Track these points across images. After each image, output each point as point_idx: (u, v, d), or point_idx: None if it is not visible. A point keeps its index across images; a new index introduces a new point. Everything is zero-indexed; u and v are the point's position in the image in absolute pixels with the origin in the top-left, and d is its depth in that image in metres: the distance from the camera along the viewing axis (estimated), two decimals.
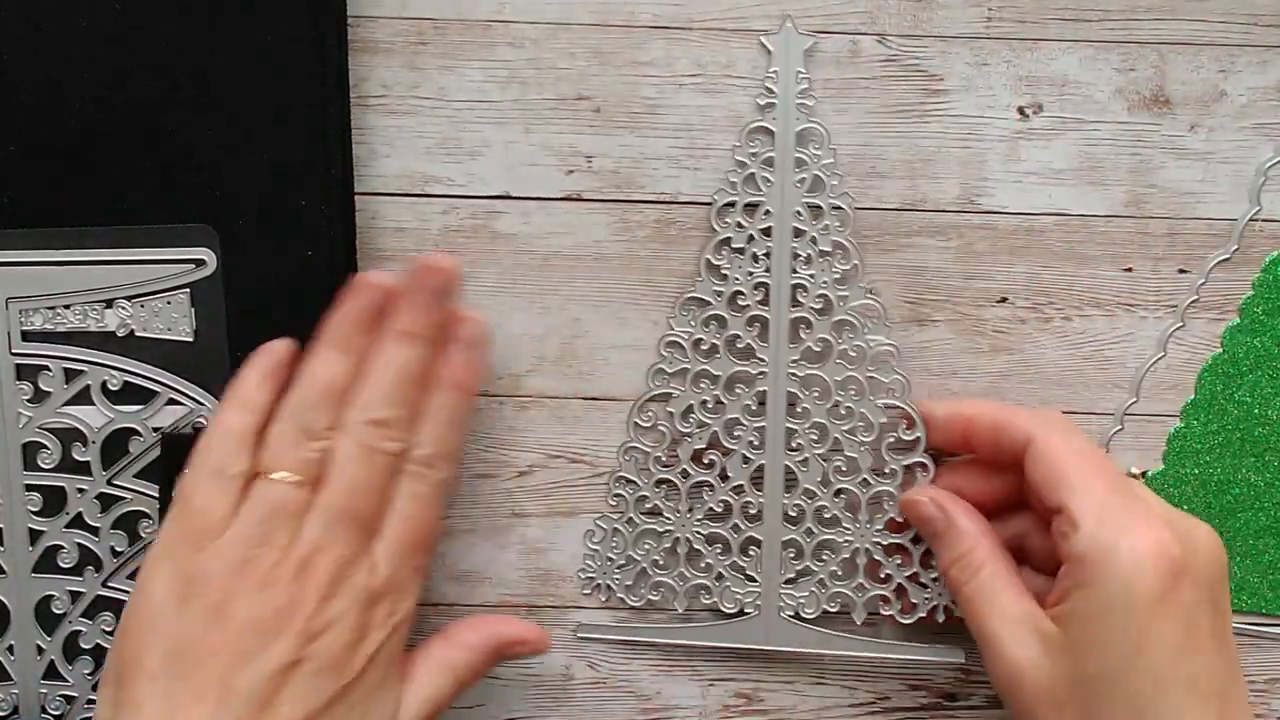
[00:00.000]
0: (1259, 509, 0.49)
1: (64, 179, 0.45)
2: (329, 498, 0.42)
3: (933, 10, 0.47)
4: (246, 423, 0.43)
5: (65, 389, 0.46)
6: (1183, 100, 0.48)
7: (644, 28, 0.47)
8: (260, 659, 0.40)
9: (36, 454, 0.47)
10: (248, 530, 0.41)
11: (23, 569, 0.47)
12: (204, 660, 0.39)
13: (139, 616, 0.41)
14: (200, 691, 0.39)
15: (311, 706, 0.40)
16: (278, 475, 0.42)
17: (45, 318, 0.46)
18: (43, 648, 0.48)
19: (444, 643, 0.45)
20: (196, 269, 0.46)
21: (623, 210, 0.48)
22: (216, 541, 0.41)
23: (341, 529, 0.42)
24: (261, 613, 0.40)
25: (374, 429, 0.42)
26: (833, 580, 0.48)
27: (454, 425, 0.44)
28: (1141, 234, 0.48)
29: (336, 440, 0.42)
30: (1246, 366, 0.49)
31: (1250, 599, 0.50)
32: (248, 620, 0.40)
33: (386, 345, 0.43)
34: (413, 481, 0.43)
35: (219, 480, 0.42)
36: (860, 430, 0.47)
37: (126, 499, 0.47)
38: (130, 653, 0.40)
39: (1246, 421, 0.49)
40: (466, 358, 0.45)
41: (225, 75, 0.45)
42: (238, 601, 0.40)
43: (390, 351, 0.43)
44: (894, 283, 0.48)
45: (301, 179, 0.45)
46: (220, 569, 0.40)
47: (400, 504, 0.43)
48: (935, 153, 0.48)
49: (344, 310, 0.44)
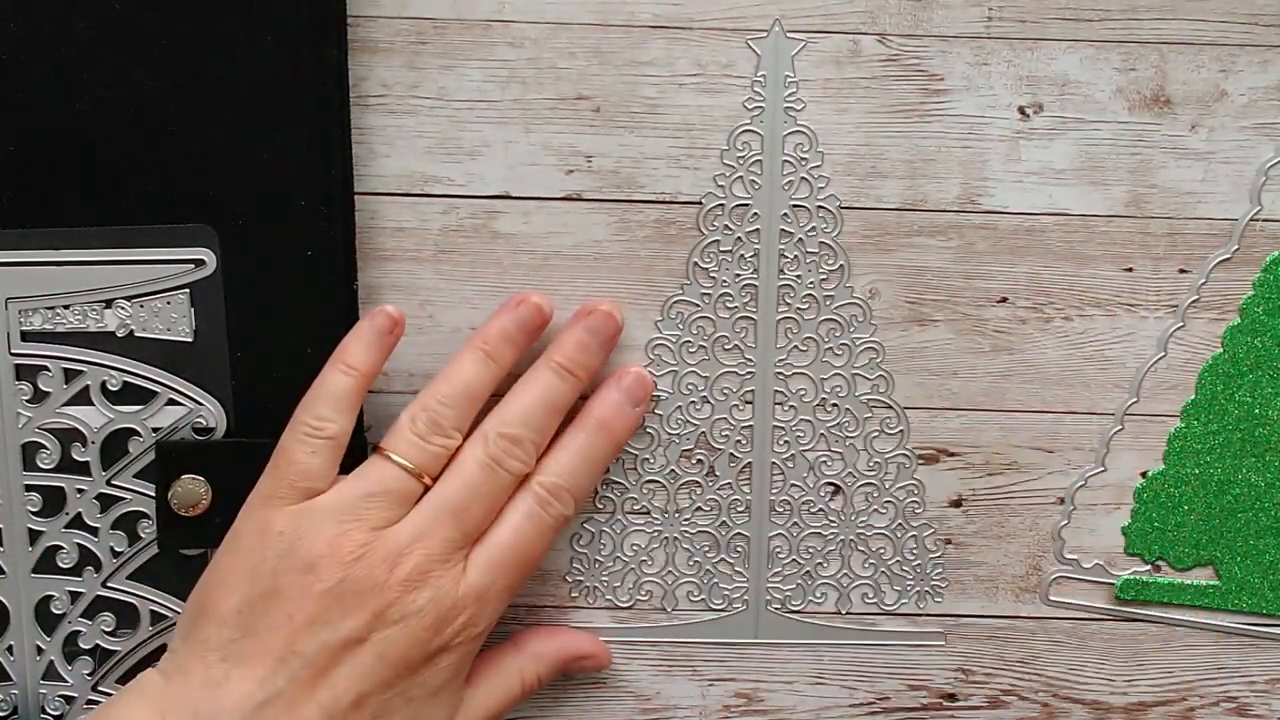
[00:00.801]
0: (1259, 509, 0.49)
1: (63, 179, 0.45)
2: (440, 495, 0.42)
3: (933, 10, 0.47)
4: (347, 385, 0.43)
5: (65, 389, 0.46)
6: (1183, 100, 0.47)
7: (644, 27, 0.47)
8: (329, 629, 0.40)
9: (36, 454, 0.47)
10: (349, 501, 0.42)
11: (22, 569, 0.47)
12: (277, 619, 0.40)
13: (226, 559, 0.42)
14: (266, 647, 0.40)
15: (366, 688, 0.41)
16: (395, 457, 0.42)
17: (45, 318, 0.46)
18: (42, 648, 0.48)
19: (514, 651, 0.46)
20: (196, 269, 0.46)
21: (622, 210, 0.48)
22: (314, 502, 0.42)
23: (443, 527, 0.42)
24: (343, 586, 0.41)
25: (505, 443, 0.43)
26: (819, 572, 0.49)
27: (588, 464, 0.45)
28: (1142, 234, 0.48)
29: (465, 444, 0.43)
30: (1247, 366, 0.49)
31: (1250, 599, 0.50)
32: (328, 589, 0.41)
33: (540, 370, 0.44)
34: (532, 503, 0.44)
35: (314, 439, 0.42)
36: (846, 425, 0.48)
37: (126, 499, 0.47)
38: (211, 593, 0.41)
39: (1247, 422, 0.49)
40: (620, 403, 0.46)
41: (225, 75, 0.45)
42: (323, 569, 0.41)
43: (542, 376, 0.44)
44: (894, 283, 0.48)
45: (301, 179, 0.45)
46: (311, 532, 0.41)
47: (512, 519, 0.43)
48: (936, 152, 0.48)
49: (499, 321, 0.45)
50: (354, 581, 0.41)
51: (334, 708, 0.40)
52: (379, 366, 0.44)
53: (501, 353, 0.44)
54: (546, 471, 0.44)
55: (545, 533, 0.44)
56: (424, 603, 0.41)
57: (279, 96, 0.45)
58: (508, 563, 0.43)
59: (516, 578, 0.44)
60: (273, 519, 0.42)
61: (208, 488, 0.46)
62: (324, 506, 0.42)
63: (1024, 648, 0.50)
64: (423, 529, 0.42)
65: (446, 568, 0.42)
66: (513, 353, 0.45)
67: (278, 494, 0.42)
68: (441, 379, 0.44)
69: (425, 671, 0.42)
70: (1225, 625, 0.50)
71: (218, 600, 0.41)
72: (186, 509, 0.46)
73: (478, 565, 0.43)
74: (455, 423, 0.43)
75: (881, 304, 0.48)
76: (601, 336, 0.46)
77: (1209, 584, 0.50)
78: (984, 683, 0.50)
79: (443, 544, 0.42)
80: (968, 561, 0.50)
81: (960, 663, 0.50)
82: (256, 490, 0.43)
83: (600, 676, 0.50)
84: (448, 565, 0.42)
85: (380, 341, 0.44)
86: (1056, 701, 0.51)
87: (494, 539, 0.43)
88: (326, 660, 0.40)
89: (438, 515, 0.42)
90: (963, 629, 0.50)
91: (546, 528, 0.44)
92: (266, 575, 0.41)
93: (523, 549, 0.43)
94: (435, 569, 0.42)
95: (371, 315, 0.44)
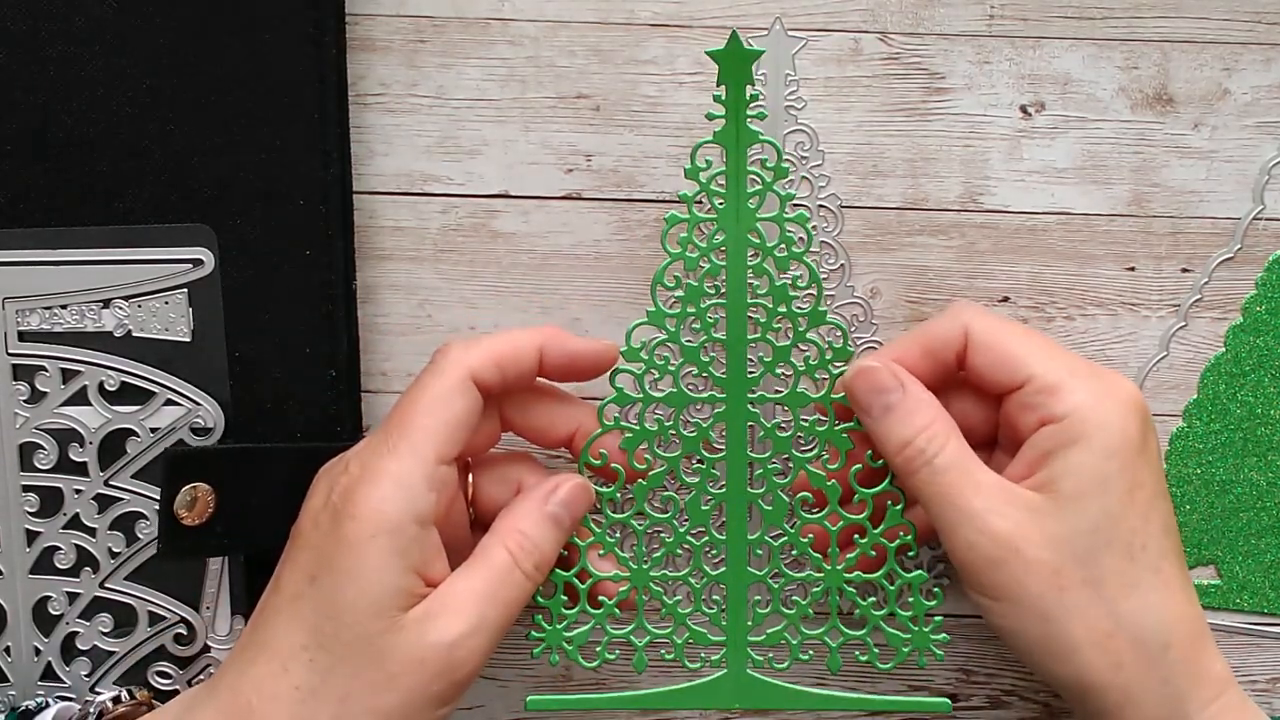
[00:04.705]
0: (1261, 509, 0.49)
1: (61, 178, 0.45)
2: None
3: (935, 8, 0.47)
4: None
5: (62, 389, 0.46)
6: (1186, 99, 0.47)
7: (644, 26, 0.47)
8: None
9: (33, 454, 0.46)
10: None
11: (20, 570, 0.47)
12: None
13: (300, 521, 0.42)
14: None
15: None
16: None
17: (42, 318, 0.46)
18: (40, 649, 0.47)
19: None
20: (194, 269, 0.46)
21: (622, 209, 0.48)
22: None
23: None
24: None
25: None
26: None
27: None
28: (1144, 233, 0.48)
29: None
30: (1250, 366, 0.48)
31: (1252, 599, 0.49)
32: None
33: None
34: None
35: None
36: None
37: (124, 500, 0.47)
38: (287, 559, 0.42)
39: (1249, 421, 0.49)
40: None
41: (223, 74, 0.45)
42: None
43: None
44: (896, 282, 0.48)
45: (299, 178, 0.45)
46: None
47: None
48: (937, 151, 0.47)
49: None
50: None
51: None
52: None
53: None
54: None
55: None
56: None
57: (277, 95, 0.45)
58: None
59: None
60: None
61: (214, 495, 0.46)
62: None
63: None
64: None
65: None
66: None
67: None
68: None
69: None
70: (1227, 625, 0.50)
71: (292, 571, 0.42)
72: (194, 517, 0.46)
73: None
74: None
75: (882, 304, 0.48)
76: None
77: (1211, 583, 0.49)
78: (985, 683, 0.50)
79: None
80: None
81: (961, 663, 0.50)
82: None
83: (601, 677, 0.50)
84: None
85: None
86: (1058, 702, 0.50)
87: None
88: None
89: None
90: (964, 629, 0.50)
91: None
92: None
93: None
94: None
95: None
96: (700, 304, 0.43)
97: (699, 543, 0.45)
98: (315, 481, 0.42)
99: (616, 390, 0.44)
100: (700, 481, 0.45)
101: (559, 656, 0.45)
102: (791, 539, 0.45)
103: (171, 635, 0.48)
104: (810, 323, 0.44)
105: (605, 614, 0.45)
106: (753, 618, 0.45)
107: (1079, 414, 0.41)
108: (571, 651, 0.45)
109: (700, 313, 0.43)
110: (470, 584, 0.41)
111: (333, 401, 0.46)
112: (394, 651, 0.40)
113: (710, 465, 0.45)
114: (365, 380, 0.48)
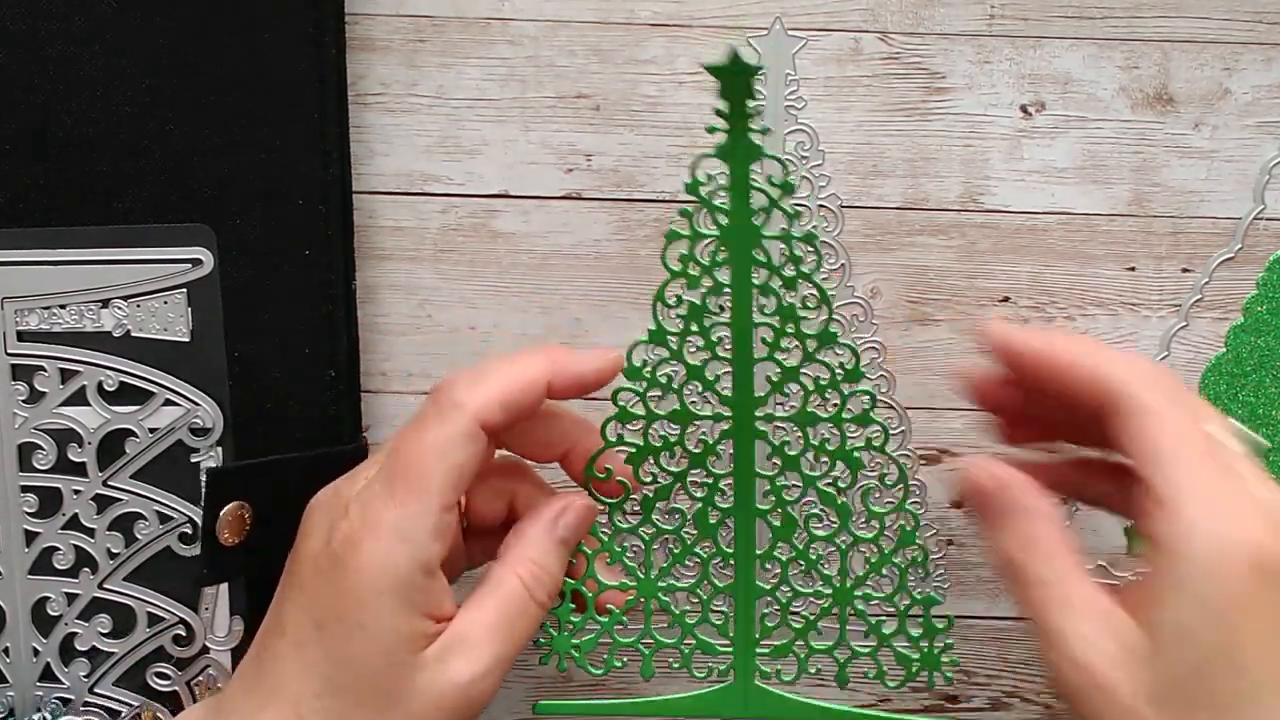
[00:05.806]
0: None
1: (60, 178, 0.45)
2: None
3: (935, 8, 0.47)
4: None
5: (61, 389, 0.46)
6: (1186, 98, 0.47)
7: (644, 25, 0.47)
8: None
9: (32, 455, 0.46)
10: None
11: (18, 570, 0.47)
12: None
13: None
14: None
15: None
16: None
17: (41, 318, 0.46)
18: (39, 650, 0.47)
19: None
20: (193, 268, 0.46)
21: (622, 209, 0.48)
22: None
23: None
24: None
25: None
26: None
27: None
28: (1145, 233, 0.48)
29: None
30: (1250, 366, 0.48)
31: None
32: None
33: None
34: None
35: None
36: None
37: (123, 500, 0.47)
38: (287, 599, 0.41)
39: (1251, 421, 0.49)
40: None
41: (223, 74, 0.45)
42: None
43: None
44: (896, 282, 0.48)
45: (299, 178, 0.45)
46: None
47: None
48: (937, 151, 0.47)
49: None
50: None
51: None
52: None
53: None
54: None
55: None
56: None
57: (277, 95, 0.45)
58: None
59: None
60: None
61: (249, 512, 0.46)
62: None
63: (1027, 649, 0.50)
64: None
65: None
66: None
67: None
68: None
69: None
70: None
71: (302, 566, 0.42)
72: (234, 536, 0.45)
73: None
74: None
75: (883, 303, 0.48)
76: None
77: None
78: (986, 684, 0.50)
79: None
80: (970, 562, 0.50)
81: (963, 664, 0.50)
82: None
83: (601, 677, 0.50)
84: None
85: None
86: (1058, 703, 0.50)
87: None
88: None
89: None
90: (965, 630, 0.50)
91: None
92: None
93: None
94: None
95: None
96: (704, 323, 0.41)
97: (707, 555, 0.44)
98: (308, 515, 0.41)
99: (619, 408, 0.42)
100: (707, 496, 0.43)
101: (567, 664, 0.45)
102: (799, 555, 0.44)
103: (170, 636, 0.47)
104: (820, 343, 0.41)
105: (613, 622, 0.44)
106: (760, 630, 0.45)
107: (1179, 553, 0.36)
108: (579, 659, 0.45)
109: (704, 331, 0.41)
110: (484, 617, 0.41)
111: (332, 402, 0.46)
112: (413, 694, 0.39)
113: (717, 481, 0.43)
114: (365, 380, 0.48)
